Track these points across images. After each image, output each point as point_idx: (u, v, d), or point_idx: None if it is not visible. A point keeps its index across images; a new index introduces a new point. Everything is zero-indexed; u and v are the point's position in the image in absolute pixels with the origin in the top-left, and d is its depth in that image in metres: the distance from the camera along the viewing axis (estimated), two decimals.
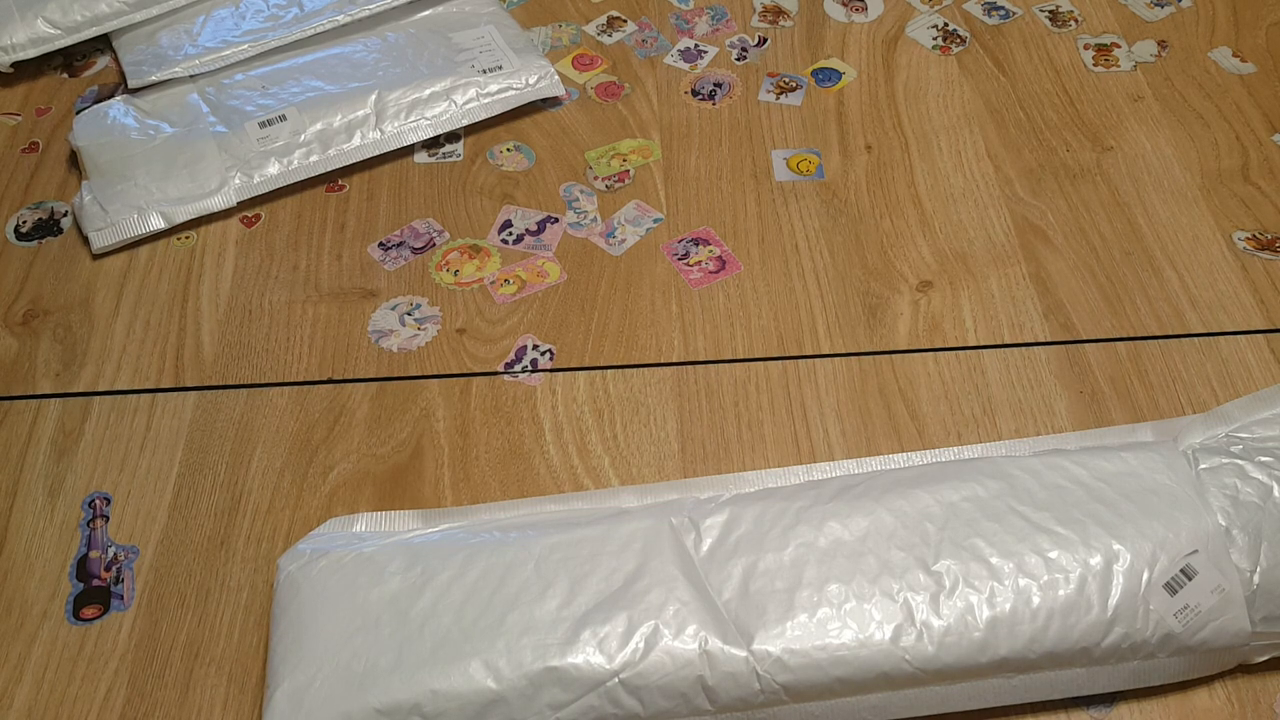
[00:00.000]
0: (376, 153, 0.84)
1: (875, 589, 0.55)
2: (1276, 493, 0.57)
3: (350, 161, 0.84)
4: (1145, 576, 0.55)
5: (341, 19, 0.91)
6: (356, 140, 0.84)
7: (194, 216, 0.81)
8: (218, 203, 0.81)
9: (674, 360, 0.72)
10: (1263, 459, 0.58)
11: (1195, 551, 0.55)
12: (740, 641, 0.54)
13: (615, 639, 0.54)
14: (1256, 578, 0.55)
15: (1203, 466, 0.58)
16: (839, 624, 0.54)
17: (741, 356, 0.72)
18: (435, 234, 0.80)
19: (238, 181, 0.82)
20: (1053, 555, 0.55)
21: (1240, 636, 0.55)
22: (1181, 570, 0.55)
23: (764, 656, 0.54)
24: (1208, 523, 0.56)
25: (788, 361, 0.72)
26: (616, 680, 0.53)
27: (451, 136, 0.87)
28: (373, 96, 0.85)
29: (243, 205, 0.83)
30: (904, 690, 0.54)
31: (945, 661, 0.54)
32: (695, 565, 0.57)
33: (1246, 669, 0.58)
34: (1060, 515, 0.57)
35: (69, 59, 0.95)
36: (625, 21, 0.96)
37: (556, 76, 0.88)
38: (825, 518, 0.58)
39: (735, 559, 0.57)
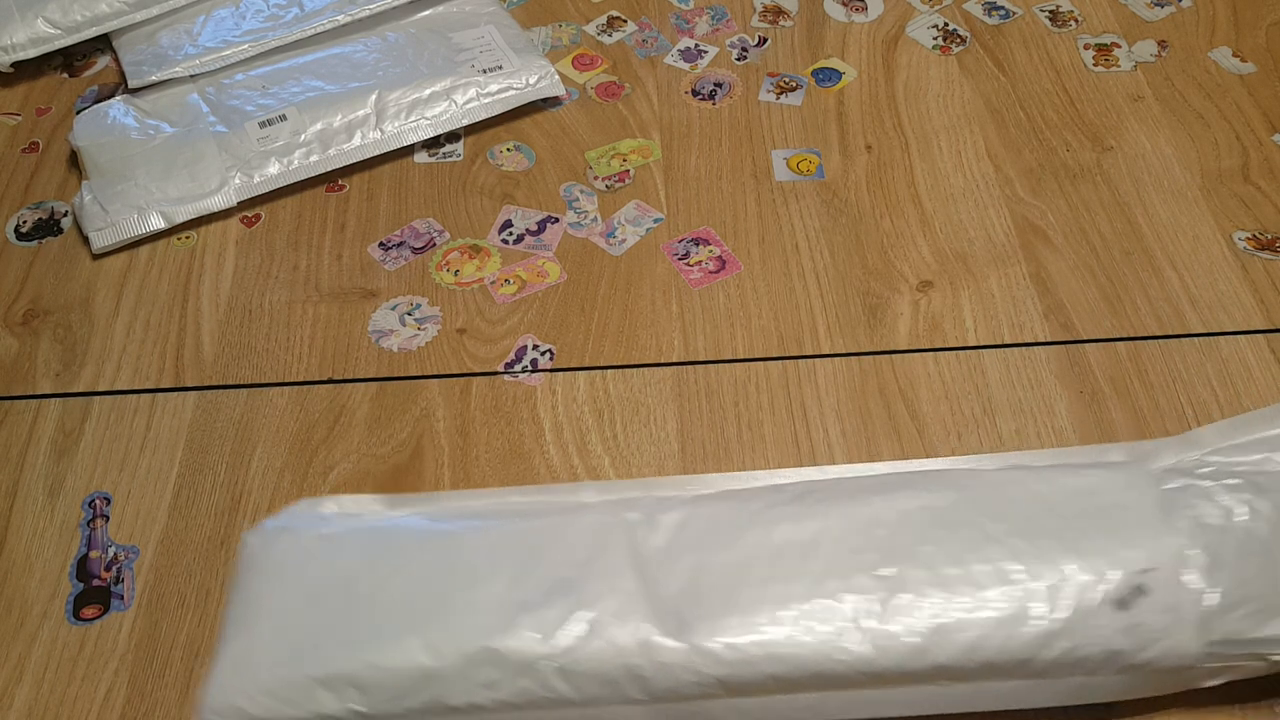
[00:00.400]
0: (376, 153, 0.84)
1: (819, 590, 0.55)
2: (1240, 517, 0.55)
3: (350, 161, 0.84)
4: (1095, 591, 0.54)
5: (341, 19, 0.91)
6: (356, 140, 0.84)
7: (194, 216, 0.81)
8: (218, 203, 0.81)
9: (674, 360, 0.72)
10: (1230, 482, 0.57)
11: (1149, 569, 0.54)
12: (679, 634, 0.54)
13: (554, 625, 0.54)
14: (1212, 600, 0.53)
15: (1168, 487, 0.57)
16: (778, 621, 0.54)
17: (741, 356, 0.72)
18: (435, 234, 0.80)
19: (238, 181, 0.82)
20: (1002, 566, 0.54)
21: (1189, 658, 0.53)
22: (1133, 587, 0.54)
23: (700, 649, 0.53)
24: (1166, 542, 0.55)
25: (788, 361, 0.72)
26: (551, 664, 0.54)
27: (451, 136, 0.87)
28: (373, 96, 0.85)
29: (243, 205, 0.83)
30: (839, 692, 0.54)
31: (882, 665, 0.53)
32: (644, 559, 0.57)
33: None
34: (1014, 528, 0.56)
35: (69, 59, 0.95)
36: (625, 21, 0.96)
37: (556, 76, 0.88)
38: (779, 520, 0.58)
39: (685, 555, 0.57)
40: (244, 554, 0.60)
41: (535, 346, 0.73)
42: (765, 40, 0.93)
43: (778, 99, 0.88)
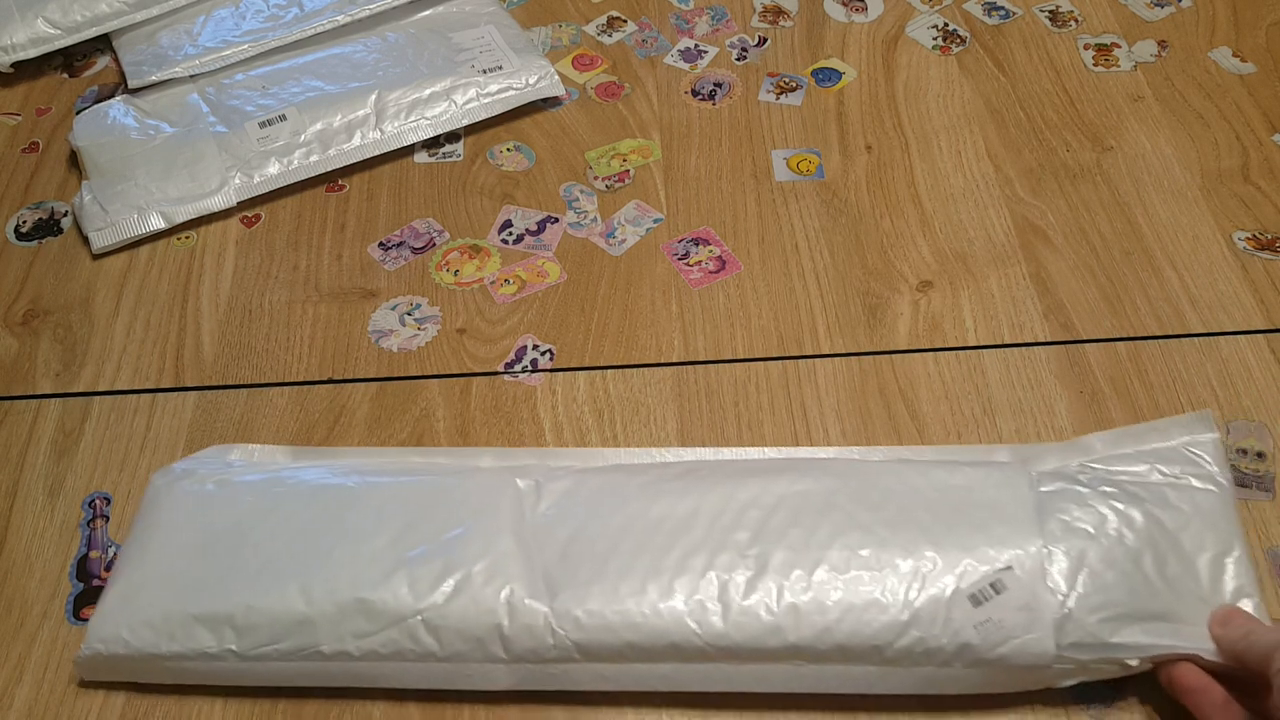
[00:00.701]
0: (376, 153, 0.84)
1: (685, 564, 0.56)
2: (1110, 525, 0.56)
3: (350, 161, 0.84)
4: (951, 585, 0.54)
5: (341, 19, 0.91)
6: (356, 140, 0.84)
7: (194, 216, 0.81)
8: (218, 203, 0.81)
9: (674, 360, 0.72)
10: (1105, 489, 0.58)
11: (1009, 568, 0.54)
12: (545, 597, 0.56)
13: (427, 580, 0.56)
14: (1070, 602, 0.54)
15: (1044, 489, 0.58)
16: (641, 592, 0.55)
17: (741, 356, 0.72)
18: (435, 234, 0.80)
19: (238, 181, 0.82)
20: (863, 553, 0.56)
21: (1043, 658, 0.54)
22: (991, 584, 0.54)
23: (562, 613, 0.55)
24: (1031, 542, 0.55)
25: (788, 361, 0.72)
26: (419, 618, 0.55)
27: (451, 136, 0.87)
28: (373, 96, 0.85)
29: (243, 205, 0.83)
30: (694, 664, 0.55)
31: (735, 640, 0.54)
32: (526, 524, 0.59)
33: None
34: (884, 518, 0.57)
35: (69, 59, 0.95)
36: (625, 21, 0.96)
37: (556, 76, 0.88)
38: (660, 495, 0.59)
39: (564, 523, 0.59)
40: (148, 493, 0.63)
41: (535, 346, 0.73)
42: (765, 40, 0.93)
43: (778, 99, 0.88)
